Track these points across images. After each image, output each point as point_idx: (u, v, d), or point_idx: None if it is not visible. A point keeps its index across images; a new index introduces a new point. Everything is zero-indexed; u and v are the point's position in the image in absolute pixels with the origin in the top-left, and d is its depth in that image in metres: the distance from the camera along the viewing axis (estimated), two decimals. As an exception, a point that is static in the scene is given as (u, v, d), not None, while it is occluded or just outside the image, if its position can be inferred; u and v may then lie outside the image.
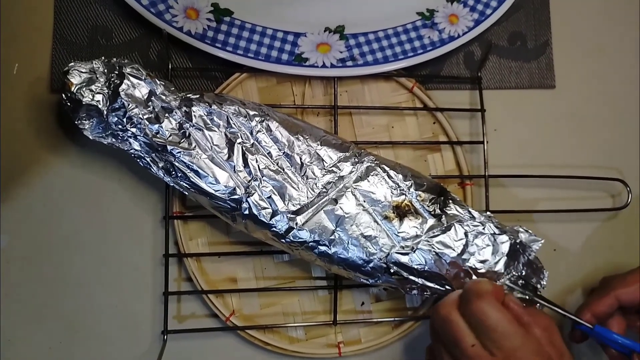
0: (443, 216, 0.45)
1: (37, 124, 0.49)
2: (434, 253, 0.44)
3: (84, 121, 0.44)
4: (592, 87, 0.56)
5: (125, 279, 0.49)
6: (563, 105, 0.55)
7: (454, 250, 0.44)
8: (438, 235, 0.44)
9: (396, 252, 0.44)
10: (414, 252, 0.44)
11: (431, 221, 0.45)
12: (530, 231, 0.46)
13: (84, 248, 0.49)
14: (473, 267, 0.44)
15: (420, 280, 0.44)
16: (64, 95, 0.44)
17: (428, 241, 0.44)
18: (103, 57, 0.45)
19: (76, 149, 0.49)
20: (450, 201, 0.46)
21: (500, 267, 0.45)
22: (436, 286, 0.45)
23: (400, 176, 0.45)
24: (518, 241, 0.45)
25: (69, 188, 0.49)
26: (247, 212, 0.44)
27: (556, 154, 0.55)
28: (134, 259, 0.49)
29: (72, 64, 0.44)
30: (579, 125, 0.55)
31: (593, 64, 0.56)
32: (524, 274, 0.46)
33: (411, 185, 0.45)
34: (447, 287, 0.45)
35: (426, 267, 0.44)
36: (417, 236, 0.44)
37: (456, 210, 0.45)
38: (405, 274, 0.44)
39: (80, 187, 0.49)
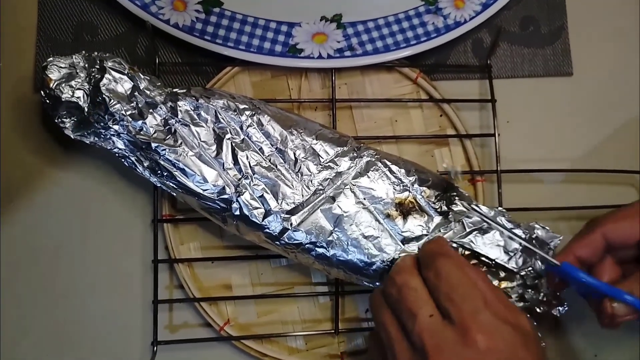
0: (450, 213, 0.41)
1: (21, 125, 0.47)
2: None
3: (65, 119, 0.42)
4: (612, 73, 0.52)
5: (113, 287, 0.46)
6: (581, 93, 0.51)
7: (463, 248, 0.40)
8: (445, 234, 0.41)
9: (400, 254, 0.41)
10: None
11: (437, 219, 0.41)
12: (547, 227, 0.42)
13: (70, 254, 0.46)
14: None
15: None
16: (42, 92, 0.41)
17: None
18: (84, 52, 0.42)
19: (61, 151, 0.47)
20: (457, 197, 0.42)
21: (513, 263, 0.41)
22: None
23: (403, 171, 0.42)
24: (534, 236, 0.41)
25: (54, 191, 0.47)
26: (237, 212, 0.41)
27: (575, 146, 0.50)
28: (123, 266, 0.46)
29: (51, 59, 0.41)
30: (599, 115, 0.51)
31: (612, 48, 0.52)
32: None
33: (415, 181, 0.42)
34: None
35: None
36: (422, 236, 0.41)
37: (463, 206, 0.42)
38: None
39: (65, 190, 0.47)
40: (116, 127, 0.41)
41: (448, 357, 0.32)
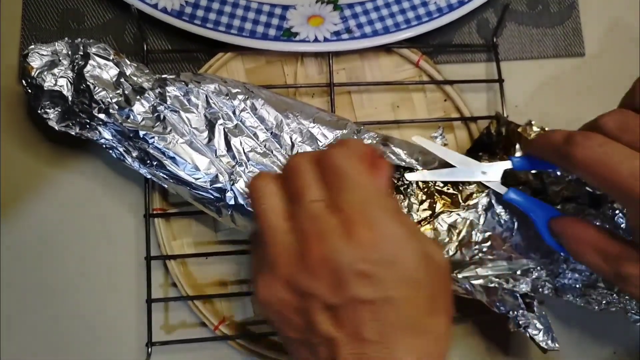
0: (457, 195, 0.39)
1: (5, 117, 0.45)
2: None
3: (48, 110, 0.40)
4: (627, 53, 0.49)
5: (106, 286, 0.44)
6: (594, 75, 0.49)
7: (478, 223, 0.38)
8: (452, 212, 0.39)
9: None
10: None
11: (445, 202, 0.39)
12: None
13: (59, 253, 0.44)
14: None
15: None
16: (24, 82, 0.39)
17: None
18: (67, 38, 0.40)
19: (48, 144, 0.45)
20: None
21: None
22: None
23: (406, 152, 0.40)
24: None
25: (41, 187, 0.44)
26: (232, 202, 0.38)
27: (589, 129, 0.48)
28: (115, 263, 0.44)
29: (33, 46, 0.39)
30: (614, 98, 0.48)
31: (627, 27, 0.49)
32: None
33: (419, 163, 0.39)
34: None
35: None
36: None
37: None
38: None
39: (53, 186, 0.44)
40: (102, 115, 0.39)
41: (328, 246, 0.27)
